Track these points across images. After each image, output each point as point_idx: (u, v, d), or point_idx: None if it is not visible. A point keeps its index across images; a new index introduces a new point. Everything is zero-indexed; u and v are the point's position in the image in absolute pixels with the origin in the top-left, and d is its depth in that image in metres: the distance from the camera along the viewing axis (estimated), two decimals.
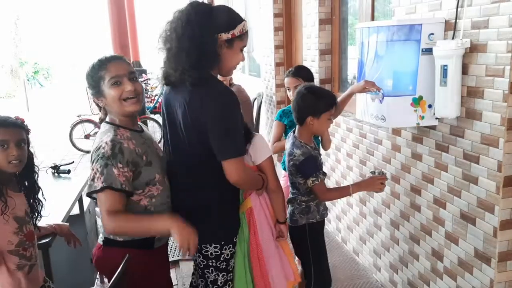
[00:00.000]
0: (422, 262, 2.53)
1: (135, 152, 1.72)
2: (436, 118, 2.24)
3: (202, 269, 1.92)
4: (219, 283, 1.93)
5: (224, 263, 1.91)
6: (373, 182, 2.21)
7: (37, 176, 1.88)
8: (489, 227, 1.99)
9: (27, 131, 1.78)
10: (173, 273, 3.34)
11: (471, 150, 2.06)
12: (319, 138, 2.73)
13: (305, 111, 2.20)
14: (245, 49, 1.87)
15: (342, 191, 2.33)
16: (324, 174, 2.22)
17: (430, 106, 2.21)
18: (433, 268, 2.43)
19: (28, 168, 1.80)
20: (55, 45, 21.47)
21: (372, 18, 3.11)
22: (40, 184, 1.90)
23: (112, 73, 1.72)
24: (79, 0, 22.02)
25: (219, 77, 1.87)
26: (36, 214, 1.85)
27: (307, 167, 2.18)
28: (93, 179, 1.67)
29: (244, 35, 1.77)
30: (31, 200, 1.82)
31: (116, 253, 1.75)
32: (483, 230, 2.03)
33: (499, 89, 1.87)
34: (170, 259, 2.85)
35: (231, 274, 1.98)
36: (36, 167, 1.87)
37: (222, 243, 1.87)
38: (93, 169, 1.68)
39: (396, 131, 2.66)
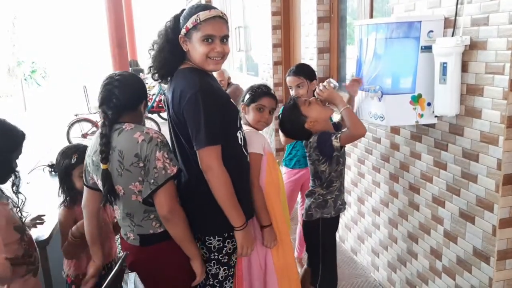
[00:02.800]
0: (421, 261, 2.52)
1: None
2: (435, 116, 2.23)
3: (204, 262, 1.94)
4: (219, 277, 1.95)
5: (226, 257, 1.93)
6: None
7: (19, 182, 1.95)
8: (488, 225, 1.98)
9: None
10: None
11: (470, 148, 2.05)
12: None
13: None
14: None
15: (349, 113, 2.16)
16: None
17: (429, 104, 2.20)
18: (432, 267, 2.42)
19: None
20: (52, 45, 21.42)
21: (371, 17, 3.10)
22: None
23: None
24: (76, 0, 21.98)
25: (215, 74, 1.91)
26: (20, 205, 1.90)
27: (323, 137, 2.18)
28: (164, 168, 1.68)
29: (198, 25, 1.78)
30: (15, 194, 1.87)
31: (154, 249, 1.81)
32: (482, 229, 2.02)
33: (499, 86, 1.86)
34: None
35: (232, 269, 1.99)
36: (17, 173, 1.91)
37: (225, 235, 1.88)
38: (160, 159, 1.69)
39: (395, 130, 2.65)
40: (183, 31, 1.81)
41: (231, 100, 1.93)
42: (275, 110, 2.26)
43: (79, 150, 2.10)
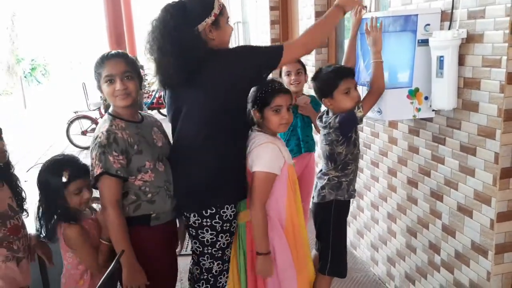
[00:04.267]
0: (419, 255, 2.52)
1: (127, 142, 1.85)
2: (433, 110, 2.22)
3: (198, 256, 1.98)
4: (213, 271, 1.97)
5: (220, 252, 1.95)
6: None
7: (13, 168, 1.95)
8: (486, 219, 1.97)
9: None
10: None
11: (467, 142, 2.04)
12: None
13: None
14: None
15: (380, 66, 2.09)
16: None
17: (426, 98, 2.19)
18: (430, 261, 2.42)
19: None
20: (52, 42, 21.39)
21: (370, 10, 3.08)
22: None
23: (107, 71, 1.86)
24: None
25: None
26: (22, 202, 1.90)
27: (347, 116, 2.11)
28: (92, 168, 1.81)
29: (223, 9, 1.86)
30: (17, 189, 1.87)
31: (134, 231, 1.88)
32: (480, 223, 2.01)
33: (496, 79, 1.85)
34: None
35: (227, 264, 2.00)
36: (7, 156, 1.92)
37: (219, 229, 1.91)
38: (92, 158, 1.81)
39: (393, 124, 2.64)
40: (212, 18, 1.80)
41: None
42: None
43: (70, 165, 1.91)
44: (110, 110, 1.95)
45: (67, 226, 1.88)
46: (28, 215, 1.97)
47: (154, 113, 9.04)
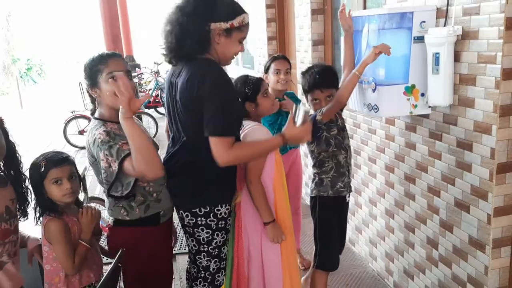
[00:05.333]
0: (418, 251, 2.54)
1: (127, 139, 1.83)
2: (429, 107, 2.23)
3: (194, 255, 1.99)
4: (211, 269, 1.98)
5: (217, 250, 1.96)
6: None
7: (22, 165, 1.89)
8: (483, 214, 1.99)
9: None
10: None
11: (464, 137, 2.06)
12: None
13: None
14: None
15: (355, 80, 2.20)
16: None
17: (422, 94, 2.20)
18: (428, 256, 2.44)
19: (10, 158, 1.81)
20: (47, 42, 21.30)
21: (364, 8, 3.09)
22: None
23: (111, 68, 1.82)
24: None
25: None
26: (25, 204, 1.85)
27: (310, 117, 2.18)
28: (110, 167, 1.75)
29: (244, 27, 1.84)
30: (20, 189, 1.82)
31: (124, 231, 1.92)
32: (477, 218, 2.03)
33: (491, 75, 1.86)
34: None
35: (224, 262, 2.01)
36: (18, 155, 1.87)
37: (214, 227, 1.92)
38: (102, 159, 1.76)
39: (390, 121, 2.66)
40: (226, 25, 1.76)
41: None
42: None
43: (46, 157, 1.91)
44: (97, 115, 1.91)
45: (50, 219, 1.85)
46: (27, 218, 1.94)
47: (151, 111, 9.03)
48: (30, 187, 1.90)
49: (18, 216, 1.85)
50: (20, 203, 1.85)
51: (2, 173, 1.79)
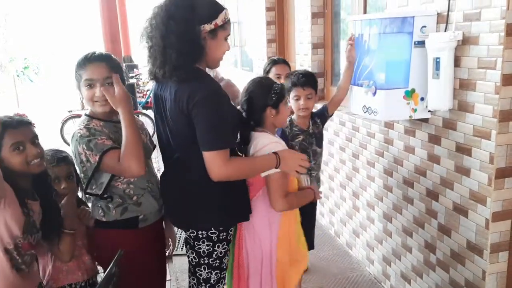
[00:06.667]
0: (415, 255, 2.55)
1: (108, 135, 1.81)
2: (429, 111, 2.24)
3: (194, 267, 1.91)
4: (211, 281, 1.90)
5: (218, 261, 1.88)
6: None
7: (50, 179, 1.83)
8: (481, 219, 2.00)
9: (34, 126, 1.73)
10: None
11: (463, 142, 2.07)
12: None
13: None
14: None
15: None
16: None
17: (422, 98, 2.21)
18: (426, 260, 2.45)
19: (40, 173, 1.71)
20: (45, 40, 21.24)
21: (365, 12, 3.10)
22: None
23: (87, 75, 1.80)
24: None
25: (208, 70, 1.85)
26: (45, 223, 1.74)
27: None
28: (88, 161, 1.74)
29: (226, 24, 1.76)
30: (49, 205, 1.75)
31: (102, 233, 1.90)
32: (476, 222, 2.04)
33: (491, 81, 1.87)
34: None
35: (224, 272, 1.94)
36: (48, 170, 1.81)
37: (215, 239, 1.84)
38: (80, 154, 1.74)
39: (389, 124, 2.66)
40: (211, 26, 1.68)
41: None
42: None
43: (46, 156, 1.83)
44: (88, 111, 1.89)
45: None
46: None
47: (149, 112, 9.01)
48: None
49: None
50: (45, 217, 1.75)
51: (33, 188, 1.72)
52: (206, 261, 1.87)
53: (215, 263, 1.87)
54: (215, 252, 1.86)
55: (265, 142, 1.89)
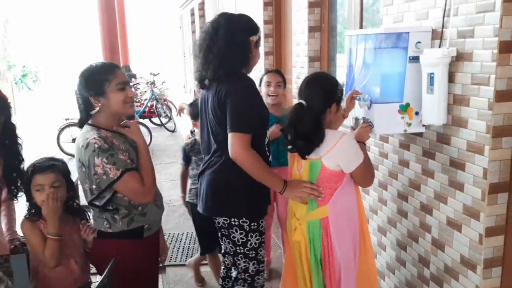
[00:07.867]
0: (409, 269, 2.54)
1: (121, 148, 1.87)
2: (423, 125, 2.26)
3: (232, 256, 2.08)
4: (250, 271, 2.06)
5: (253, 252, 2.04)
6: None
7: (21, 148, 2.04)
8: (475, 233, 2.00)
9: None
10: (160, 279, 3.31)
11: (457, 157, 2.08)
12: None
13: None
14: None
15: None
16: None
17: (417, 113, 2.23)
18: (420, 274, 2.44)
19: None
20: (44, 49, 21.30)
21: (361, 27, 3.14)
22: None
23: (120, 79, 1.91)
24: (69, 4, 21.92)
25: None
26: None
27: None
28: (104, 174, 1.78)
29: (259, 40, 2.13)
30: (13, 173, 1.93)
31: (106, 244, 1.93)
32: (469, 237, 2.04)
33: (484, 97, 1.89)
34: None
35: (262, 265, 2.09)
36: (19, 139, 2.04)
37: (247, 229, 2.01)
38: (97, 166, 1.78)
39: (384, 138, 2.68)
40: (256, 38, 2.06)
41: None
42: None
43: (35, 163, 1.99)
44: (90, 121, 1.95)
45: (23, 221, 1.96)
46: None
47: (146, 121, 9.02)
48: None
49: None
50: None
51: None
52: (242, 251, 2.04)
53: (251, 253, 2.04)
54: (249, 242, 2.03)
55: (334, 140, 2.00)
